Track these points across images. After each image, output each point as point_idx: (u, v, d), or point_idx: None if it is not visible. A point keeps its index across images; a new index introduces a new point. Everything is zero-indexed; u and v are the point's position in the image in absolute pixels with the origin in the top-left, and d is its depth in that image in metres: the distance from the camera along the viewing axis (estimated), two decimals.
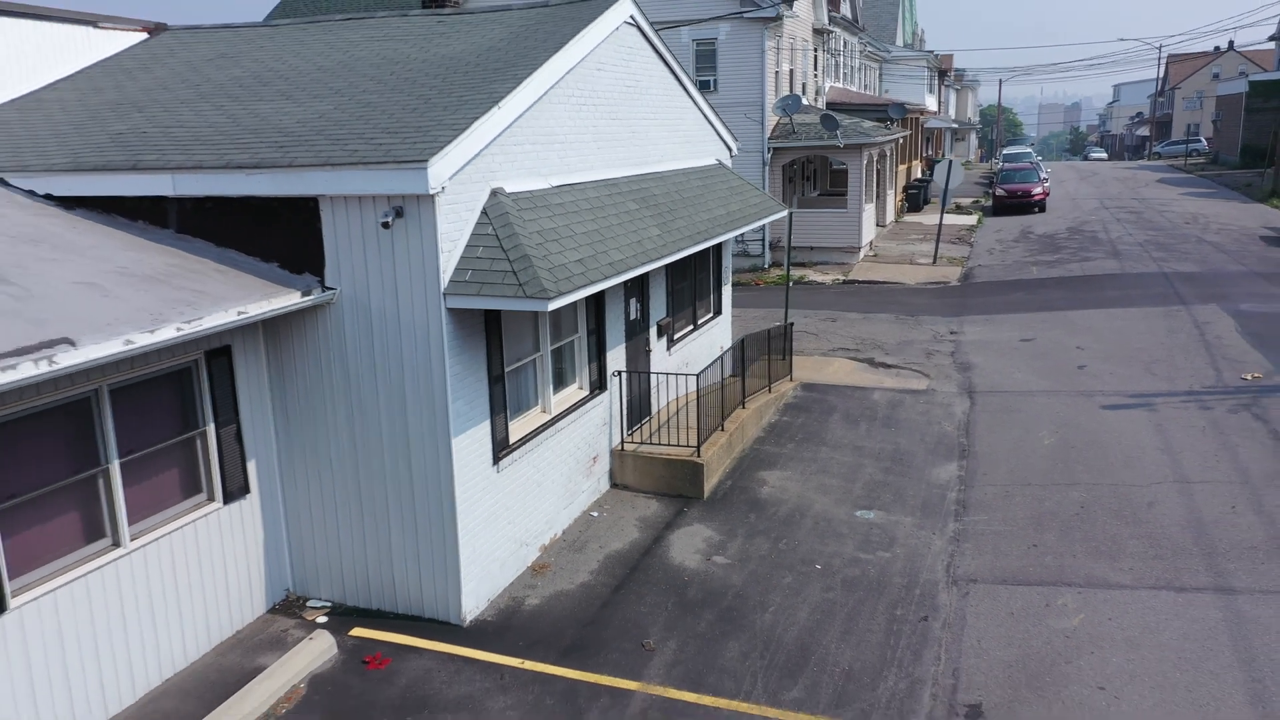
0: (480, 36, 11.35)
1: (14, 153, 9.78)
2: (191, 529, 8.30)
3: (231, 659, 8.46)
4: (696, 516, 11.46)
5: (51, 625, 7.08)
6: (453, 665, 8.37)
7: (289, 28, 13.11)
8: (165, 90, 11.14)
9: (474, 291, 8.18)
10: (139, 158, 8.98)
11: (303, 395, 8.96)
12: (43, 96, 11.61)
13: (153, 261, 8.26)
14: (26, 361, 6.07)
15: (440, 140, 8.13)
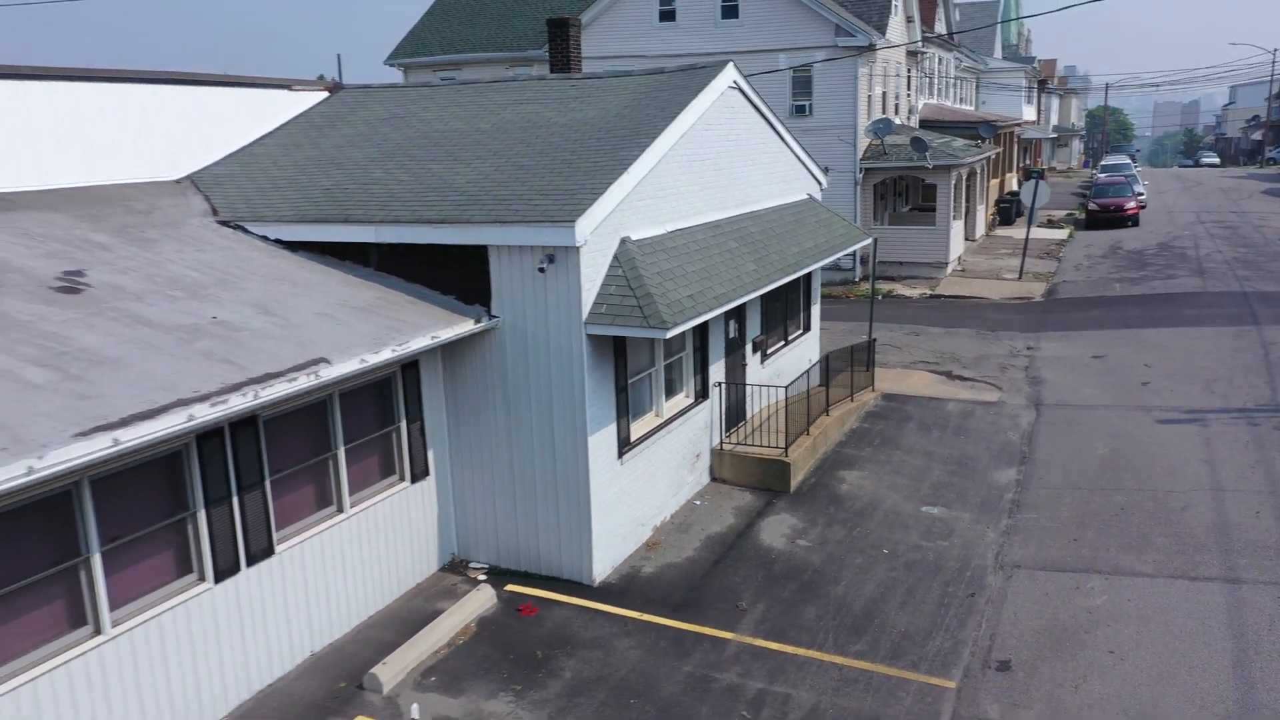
0: (608, 101, 13.61)
1: (247, 203, 12.44)
2: (388, 502, 10.77)
3: (416, 603, 10.90)
4: (783, 507, 13.52)
5: (298, 570, 9.58)
6: (586, 615, 10.65)
7: (445, 90, 15.61)
8: (354, 148, 13.71)
9: (608, 322, 10.45)
10: (349, 212, 11.50)
11: (470, 399, 11.36)
12: (254, 151, 14.33)
13: (363, 295, 10.76)
14: (302, 375, 8.55)
15: (584, 203, 10.40)
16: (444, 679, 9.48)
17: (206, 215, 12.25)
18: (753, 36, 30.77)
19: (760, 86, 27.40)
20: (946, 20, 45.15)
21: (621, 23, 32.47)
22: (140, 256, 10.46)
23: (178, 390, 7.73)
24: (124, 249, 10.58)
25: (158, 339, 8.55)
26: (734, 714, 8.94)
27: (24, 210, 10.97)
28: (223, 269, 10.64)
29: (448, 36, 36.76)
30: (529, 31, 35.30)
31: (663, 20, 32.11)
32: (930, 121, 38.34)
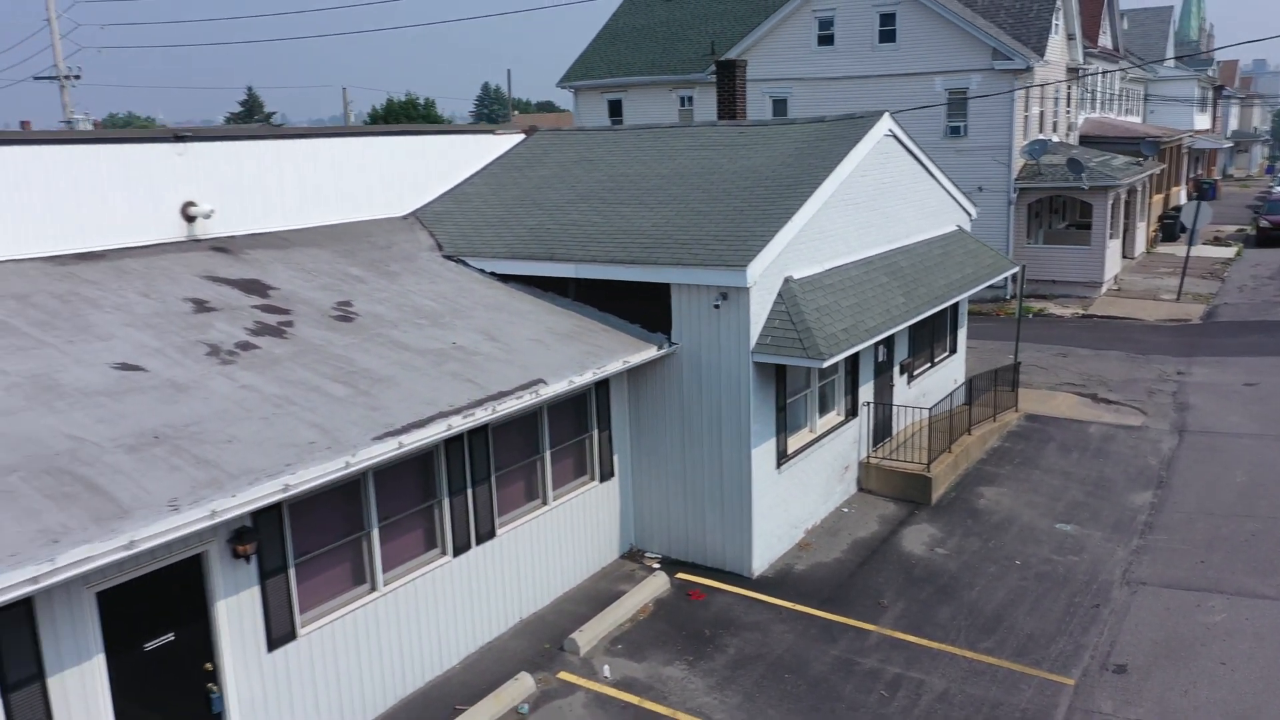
0: (774, 149, 15.28)
1: (465, 239, 14.74)
2: (581, 498, 12.80)
3: (602, 584, 12.90)
4: (924, 518, 14.89)
5: (512, 550, 11.70)
6: (746, 602, 12.39)
7: (628, 134, 17.62)
8: (551, 189, 15.86)
9: (772, 352, 12.16)
10: (553, 251, 13.61)
11: (650, 412, 13.27)
12: (466, 190, 16.69)
13: (565, 323, 12.83)
14: (526, 394, 10.63)
15: (753, 249, 12.14)
16: (628, 647, 11.41)
17: (433, 250, 14.61)
18: (909, 60, 31.73)
19: (914, 111, 28.49)
20: (1112, 32, 44.51)
21: (781, 46, 33.96)
22: (389, 288, 12.84)
23: (437, 405, 9.91)
24: (376, 281, 12.99)
25: (416, 361, 10.80)
26: (874, 692, 10.50)
27: (297, 247, 13.55)
28: (453, 299, 12.91)
29: (615, 60, 39.07)
30: (692, 56, 37.19)
31: (821, 44, 33.43)
32: (1091, 137, 38.20)
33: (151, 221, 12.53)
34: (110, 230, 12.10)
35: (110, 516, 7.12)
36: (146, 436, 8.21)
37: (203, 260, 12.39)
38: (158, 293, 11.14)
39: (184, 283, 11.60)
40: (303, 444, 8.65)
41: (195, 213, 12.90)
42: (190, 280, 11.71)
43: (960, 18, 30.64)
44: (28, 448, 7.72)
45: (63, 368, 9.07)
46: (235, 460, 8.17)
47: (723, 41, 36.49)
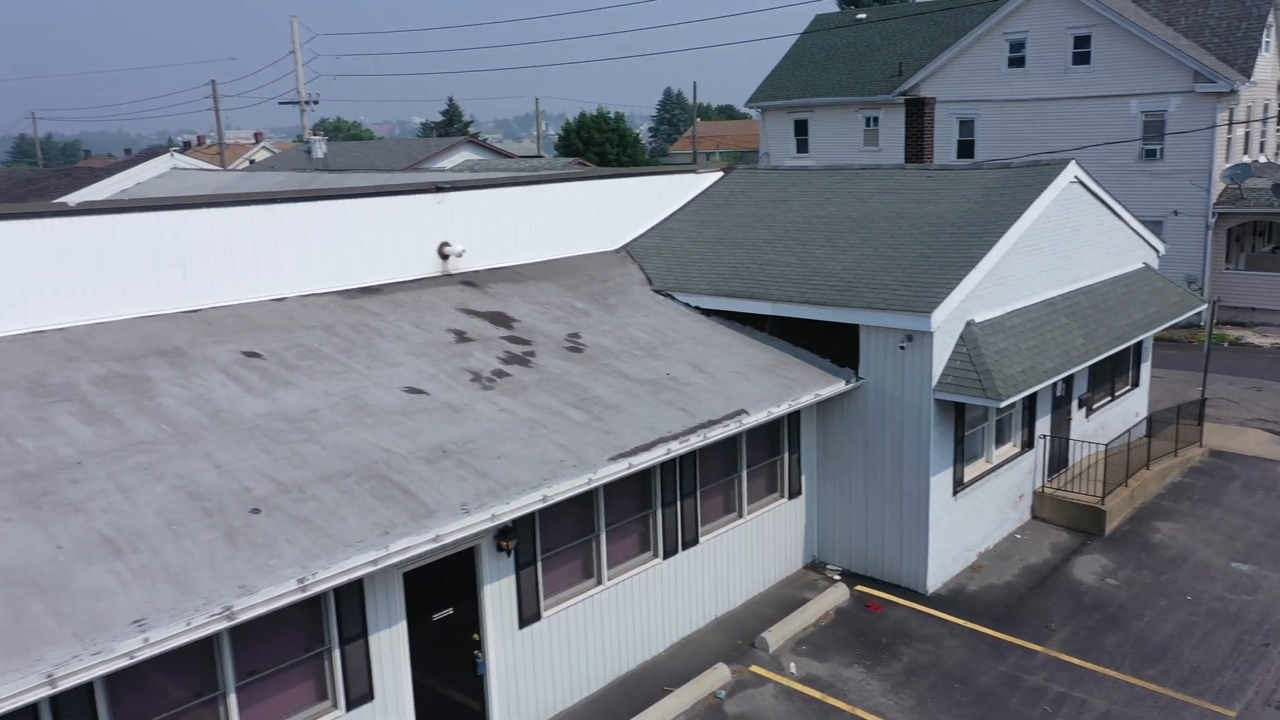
0: (959, 195, 16.31)
1: (672, 275, 16.54)
2: (772, 513, 14.35)
3: (787, 591, 14.41)
4: (1096, 549, 15.61)
5: (711, 556, 13.38)
6: (920, 616, 13.62)
7: (821, 175, 18.99)
8: (749, 228, 17.45)
9: (952, 391, 13.33)
10: (751, 289, 15.20)
11: (836, 438, 14.67)
12: (670, 227, 18.51)
13: (762, 357, 14.40)
14: (731, 423, 12.28)
15: (938, 296, 13.34)
16: (812, 649, 12.89)
17: (644, 284, 16.49)
18: (1103, 82, 31.50)
19: (1106, 130, 28.50)
20: None
21: (969, 68, 34.31)
22: (610, 321, 14.78)
23: (658, 431, 11.70)
24: (598, 314, 14.95)
25: (636, 390, 12.64)
26: (1038, 707, 11.58)
27: (530, 281, 15.70)
28: (664, 332, 14.72)
29: (802, 81, 40.25)
30: (878, 77, 37.93)
31: (1011, 66, 33.58)
32: None
33: (415, 260, 14.93)
34: (383, 268, 14.55)
35: (421, 515, 9.23)
36: (436, 451, 10.34)
37: (456, 294, 14.67)
38: (426, 324, 13.43)
39: (445, 314, 13.88)
40: (554, 461, 10.60)
41: (449, 251, 15.24)
42: (449, 312, 13.98)
43: (1159, 39, 30.22)
44: (354, 457, 9.97)
45: (366, 389, 11.38)
46: (504, 473, 10.18)
47: (910, 63, 37.09)
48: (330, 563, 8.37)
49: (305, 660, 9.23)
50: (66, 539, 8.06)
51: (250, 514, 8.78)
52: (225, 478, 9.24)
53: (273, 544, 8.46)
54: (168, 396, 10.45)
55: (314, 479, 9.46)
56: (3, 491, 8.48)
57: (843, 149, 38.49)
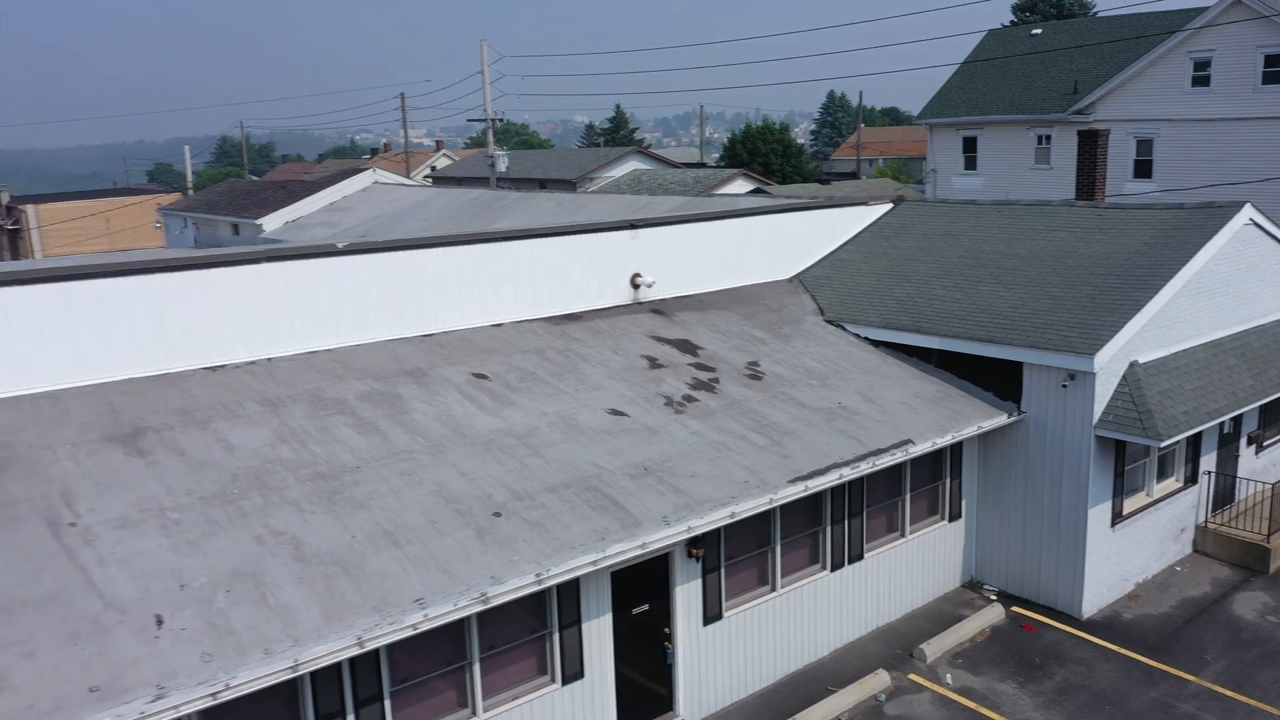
0: (1129, 236, 16.84)
1: (843, 305, 17.75)
2: (931, 534, 15.40)
3: (944, 607, 15.43)
4: (1259, 586, 15.90)
5: (874, 571, 14.57)
6: (1074, 639, 14.41)
7: (989, 210, 19.75)
8: (917, 262, 18.44)
9: (1113, 429, 14.07)
10: (919, 324, 16.27)
11: (996, 467, 15.57)
12: (840, 257, 19.68)
13: (928, 388, 15.47)
14: (899, 451, 13.47)
15: (1102, 339, 14.09)
16: (967, 662, 13.92)
17: (816, 314, 17.78)
18: None
19: None
20: None
21: (1150, 87, 33.76)
22: (785, 350, 16.15)
23: (831, 456, 13.02)
24: (774, 343, 16.35)
25: (811, 417, 13.99)
26: None
27: (711, 310, 17.24)
28: (835, 362, 15.98)
29: (972, 98, 40.30)
30: (1053, 95, 37.64)
31: (1195, 85, 32.88)
32: None
33: (610, 290, 16.71)
34: (583, 297, 16.38)
35: (630, 525, 10.90)
36: (639, 468, 12.01)
37: (647, 321, 16.37)
38: (623, 350, 15.17)
39: (638, 341, 15.59)
40: (739, 482, 12.09)
41: (640, 282, 16.95)
42: (642, 339, 15.68)
43: None
44: (571, 471, 11.74)
45: (576, 411, 13.17)
46: (698, 490, 11.75)
47: (1086, 80, 36.68)
48: (560, 561, 10.14)
49: (531, 640, 11.05)
50: (357, 530, 10.11)
51: (493, 517, 10.66)
52: (470, 485, 11.16)
53: (513, 543, 10.29)
54: (418, 412, 12.51)
55: (541, 489, 11.28)
56: (306, 489, 10.64)
57: (1012, 167, 38.40)
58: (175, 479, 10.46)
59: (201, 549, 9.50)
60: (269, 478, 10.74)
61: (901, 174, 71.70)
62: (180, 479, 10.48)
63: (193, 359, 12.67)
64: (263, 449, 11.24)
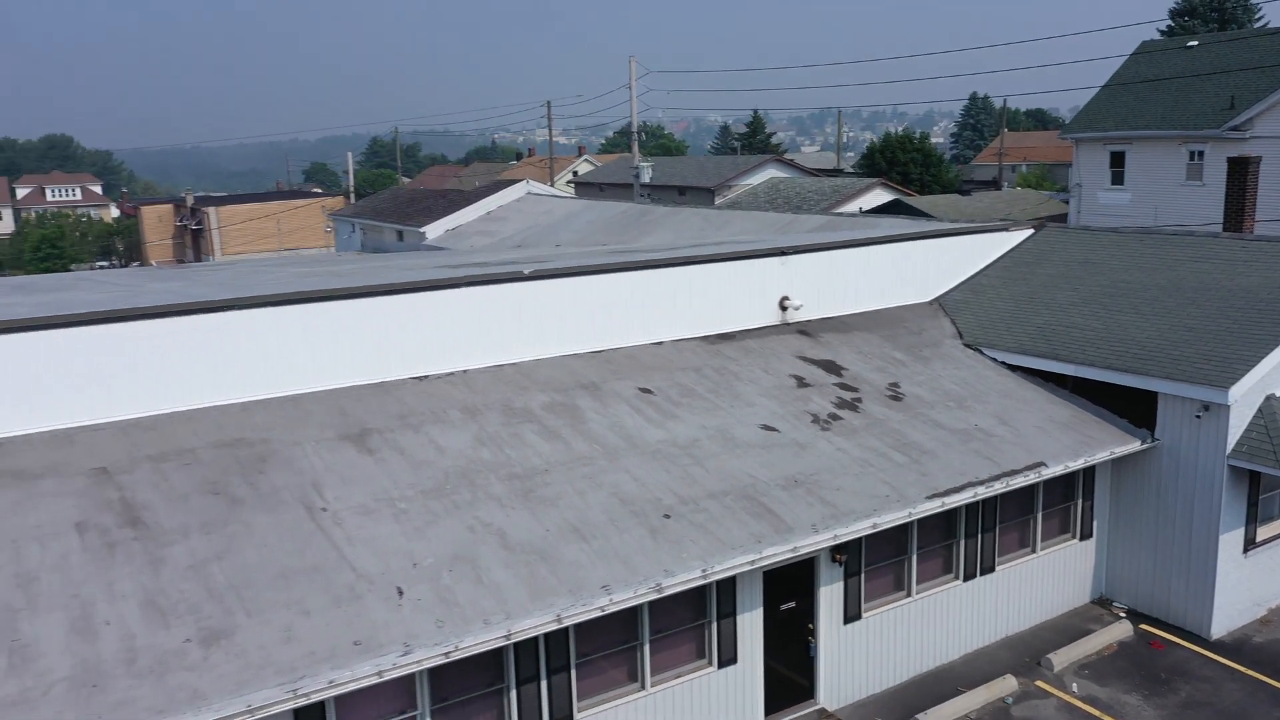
0: (1272, 270, 17.19)
1: (981, 330, 18.68)
2: (1062, 550, 16.26)
3: (1073, 621, 16.26)
4: None
5: (1004, 583, 15.56)
6: (1201, 659, 15.07)
7: (1131, 239, 20.25)
8: (1056, 289, 19.17)
9: (1246, 459, 14.67)
10: (1056, 350, 17.10)
11: (1127, 490, 16.29)
12: (980, 282, 20.54)
13: (1062, 413, 16.32)
14: (1031, 473, 14.46)
15: (1238, 373, 14.70)
16: (1094, 674, 14.78)
17: (954, 338, 18.77)
18: None
19: None
20: None
21: None
22: (925, 372, 17.25)
23: (966, 475, 14.13)
24: (914, 365, 17.47)
25: (948, 438, 15.09)
26: None
27: (854, 331, 18.46)
28: (972, 385, 16.99)
29: (1121, 112, 39.85)
30: (1206, 110, 36.97)
31: None
32: None
33: (760, 311, 18.13)
34: (734, 318, 17.86)
35: (782, 530, 12.34)
36: (790, 480, 13.42)
37: (794, 342, 17.73)
38: (773, 370, 16.59)
39: (786, 361, 16.97)
40: (880, 496, 13.37)
41: (788, 305, 18.32)
42: (790, 359, 17.06)
43: None
44: (730, 480, 13.25)
45: (732, 425, 14.67)
46: (842, 502, 13.09)
47: (1244, 95, 35.93)
48: (722, 560, 11.67)
49: (692, 628, 12.62)
50: (550, 525, 11.89)
51: (663, 518, 12.27)
52: (642, 489, 12.81)
53: (681, 542, 11.88)
54: (593, 422, 14.25)
55: (703, 495, 12.83)
56: (505, 487, 12.50)
57: (1162, 183, 37.86)
58: (399, 474, 12.47)
59: (426, 535, 11.43)
60: (474, 476, 12.64)
61: (1045, 181, 70.36)
62: (403, 474, 12.48)
63: (403, 370, 14.74)
64: (466, 451, 13.17)
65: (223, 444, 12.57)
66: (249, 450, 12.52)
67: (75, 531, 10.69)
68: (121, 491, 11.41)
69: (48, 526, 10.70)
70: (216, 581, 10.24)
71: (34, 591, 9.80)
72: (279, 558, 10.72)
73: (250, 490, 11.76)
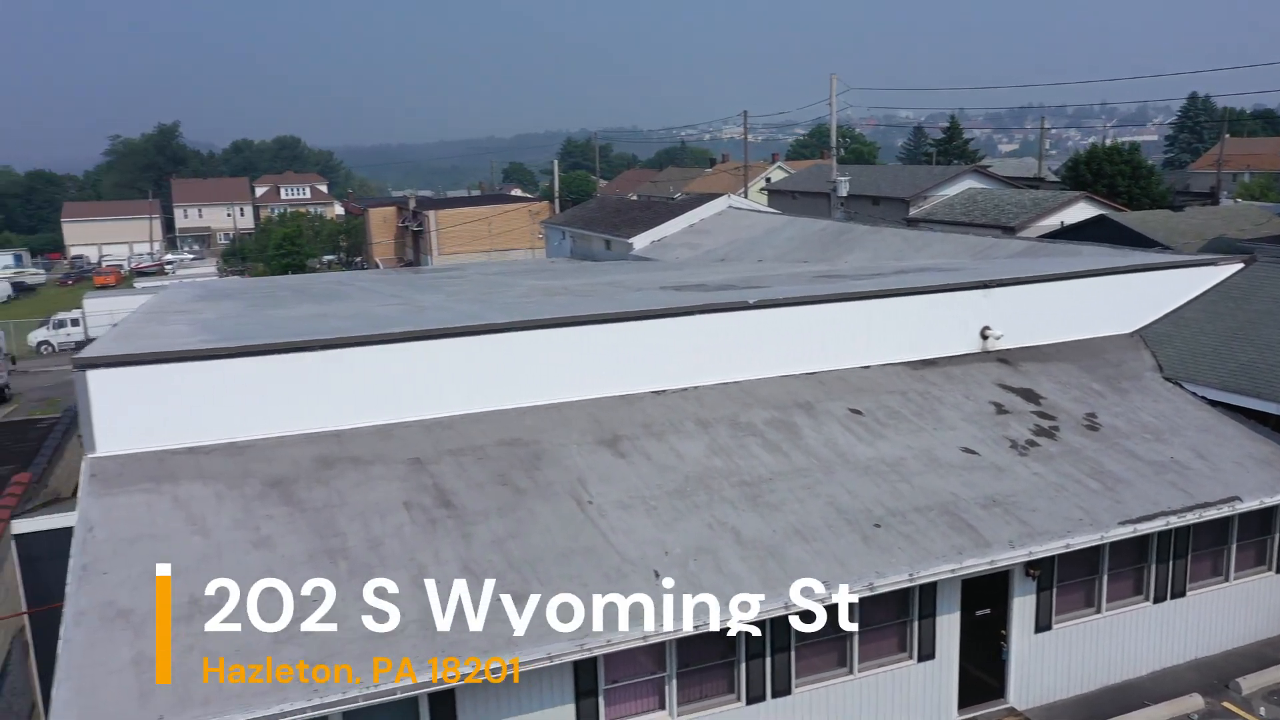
0: None
1: (1182, 364, 19.36)
2: (1258, 581, 16.94)
3: (1265, 650, 16.86)
4: None
5: (1196, 607, 16.43)
6: None
7: None
8: (1264, 326, 19.54)
9: None
10: (1259, 388, 17.69)
11: None
12: (1183, 315, 21.07)
13: (1262, 450, 16.96)
14: (1225, 506, 15.35)
15: None
16: None
17: (1154, 371, 19.54)
18: None
19: None
20: None
21: None
22: (1122, 404, 18.22)
23: (1159, 505, 15.20)
24: (1112, 396, 18.45)
25: (1142, 469, 16.14)
26: None
27: (1053, 361, 19.56)
28: (1170, 418, 17.83)
29: None
30: None
31: None
32: None
33: (961, 340, 19.53)
34: (937, 345, 19.33)
35: (981, 545, 13.91)
36: (988, 500, 14.94)
37: (994, 370, 19.04)
38: (973, 396, 18.02)
39: (986, 388, 18.34)
40: (1074, 519, 14.68)
41: (989, 334, 19.62)
42: (990, 386, 18.42)
43: None
44: (933, 497, 14.90)
45: (935, 447, 16.27)
46: (1037, 522, 14.50)
47: None
48: (927, 567, 13.41)
49: (896, 624, 14.40)
50: (776, 526, 13.94)
51: (874, 527, 14.10)
52: (854, 500, 14.67)
53: (890, 549, 13.69)
54: (809, 438, 16.20)
55: (909, 509, 14.57)
56: (736, 492, 14.64)
57: None
58: (647, 476, 14.85)
59: (673, 528, 13.73)
60: (709, 481, 14.86)
61: (1270, 192, 66.45)
62: (651, 476, 14.84)
63: (643, 384, 17.14)
64: (701, 458, 15.40)
65: (505, 443, 15.30)
66: (525, 449, 15.20)
67: (404, 509, 13.59)
68: (433, 478, 14.29)
69: (384, 503, 13.66)
70: (514, 555, 12.87)
71: (382, 553, 12.70)
72: (559, 540, 13.27)
73: (530, 483, 14.40)
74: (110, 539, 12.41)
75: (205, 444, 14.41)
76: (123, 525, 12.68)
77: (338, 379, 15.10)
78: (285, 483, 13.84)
